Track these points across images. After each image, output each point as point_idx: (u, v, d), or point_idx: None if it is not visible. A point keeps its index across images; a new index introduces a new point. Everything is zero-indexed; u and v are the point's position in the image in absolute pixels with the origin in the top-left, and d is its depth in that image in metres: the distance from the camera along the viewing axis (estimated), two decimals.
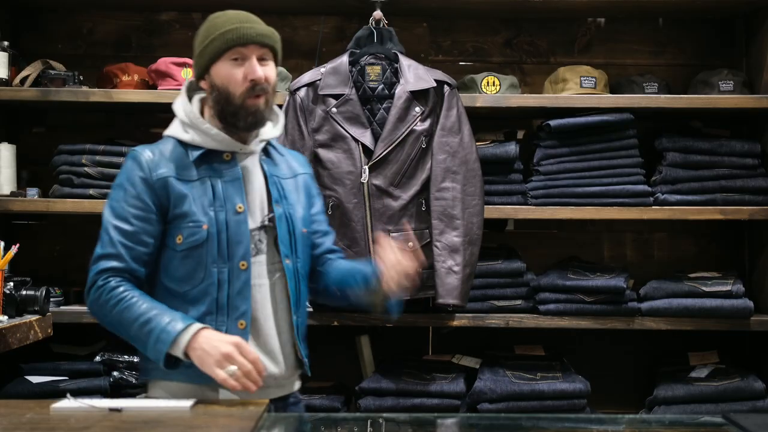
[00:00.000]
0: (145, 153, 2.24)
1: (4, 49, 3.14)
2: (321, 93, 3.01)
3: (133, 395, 3.06)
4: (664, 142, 3.27)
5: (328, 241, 2.43)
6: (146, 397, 2.28)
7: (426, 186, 3.04)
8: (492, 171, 3.21)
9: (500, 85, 3.27)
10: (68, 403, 1.96)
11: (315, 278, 2.40)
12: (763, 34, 3.37)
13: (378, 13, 3.11)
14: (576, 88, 3.28)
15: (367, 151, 2.99)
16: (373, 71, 3.03)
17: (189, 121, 2.27)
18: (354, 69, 3.04)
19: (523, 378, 3.11)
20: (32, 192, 3.20)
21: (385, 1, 3.14)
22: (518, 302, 3.23)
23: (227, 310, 2.20)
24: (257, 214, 2.26)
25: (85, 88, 3.19)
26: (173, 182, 2.20)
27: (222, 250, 2.20)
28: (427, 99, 3.03)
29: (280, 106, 3.08)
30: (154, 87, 3.27)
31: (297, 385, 2.36)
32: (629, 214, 3.20)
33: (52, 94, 3.16)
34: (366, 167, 2.97)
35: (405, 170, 3.01)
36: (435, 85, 3.03)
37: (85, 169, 3.18)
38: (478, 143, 3.16)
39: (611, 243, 3.62)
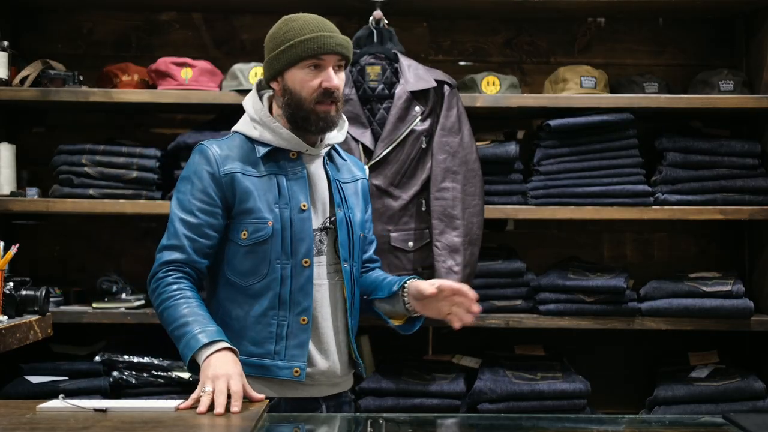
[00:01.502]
0: (213, 147, 2.29)
1: (4, 49, 3.14)
2: None
3: (133, 395, 3.06)
4: (664, 142, 3.27)
5: (371, 250, 2.51)
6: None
7: (426, 186, 3.04)
8: (492, 171, 3.21)
9: (500, 85, 3.27)
10: (54, 404, 1.96)
11: None
12: (763, 34, 3.37)
13: (378, 13, 3.11)
14: (576, 88, 3.28)
15: (367, 151, 2.98)
16: (373, 71, 3.03)
17: (258, 118, 2.31)
18: (354, 69, 3.03)
19: (523, 378, 3.11)
20: (32, 192, 3.20)
21: (385, 1, 3.14)
22: (518, 302, 3.23)
23: (289, 306, 2.25)
24: (320, 215, 2.31)
25: (85, 88, 3.19)
26: (240, 178, 2.25)
27: (286, 247, 2.25)
28: (427, 99, 3.03)
29: None
30: (154, 87, 3.27)
31: (350, 383, 2.43)
32: (629, 214, 3.20)
33: (52, 94, 3.16)
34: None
35: (405, 170, 3.01)
36: (435, 85, 3.03)
37: (85, 169, 3.18)
38: (478, 143, 3.16)
39: (611, 243, 3.62)
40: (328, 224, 2.32)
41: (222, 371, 2.03)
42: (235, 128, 2.37)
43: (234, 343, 2.17)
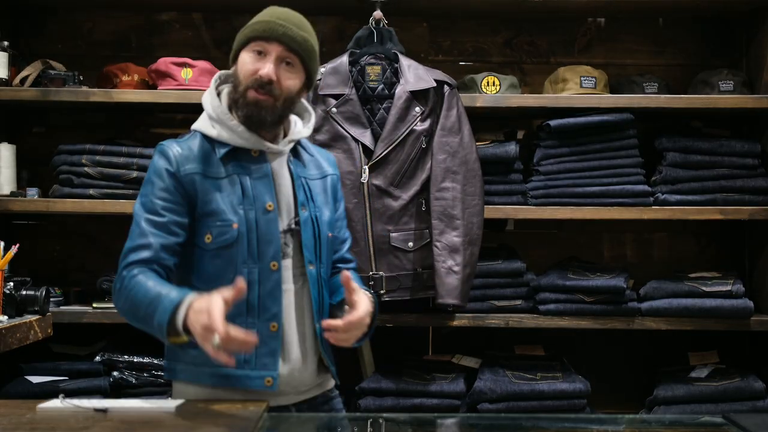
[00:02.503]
0: (173, 147, 2.19)
1: (4, 49, 3.14)
2: (321, 93, 3.01)
3: (133, 395, 3.06)
4: (664, 142, 3.27)
5: (343, 249, 2.38)
6: (169, 398, 2.26)
7: (426, 186, 3.04)
8: (492, 171, 3.21)
9: (500, 85, 3.27)
10: (54, 403, 1.96)
11: None
12: (763, 34, 3.37)
13: (378, 13, 3.11)
14: (576, 88, 3.28)
15: (367, 151, 2.98)
16: (373, 71, 3.03)
17: (216, 116, 2.21)
18: (354, 69, 3.03)
19: (523, 378, 3.11)
20: (32, 192, 3.20)
21: (385, 1, 3.14)
22: (518, 302, 3.23)
23: (258, 312, 2.16)
24: (284, 216, 2.22)
25: (85, 88, 3.19)
26: (201, 179, 2.16)
27: (252, 250, 2.16)
28: (427, 99, 3.03)
29: None
30: (154, 87, 3.27)
31: (326, 386, 2.31)
32: (629, 214, 3.20)
33: (52, 94, 3.16)
34: (366, 167, 2.97)
35: (405, 170, 3.01)
36: (435, 85, 3.03)
37: (85, 169, 3.18)
38: (478, 143, 3.16)
39: (611, 243, 3.62)
40: (293, 225, 2.21)
41: (202, 319, 1.88)
42: (194, 126, 2.24)
43: (200, 353, 1.99)
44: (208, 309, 1.87)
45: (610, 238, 3.62)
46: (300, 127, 2.29)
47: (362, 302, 2.10)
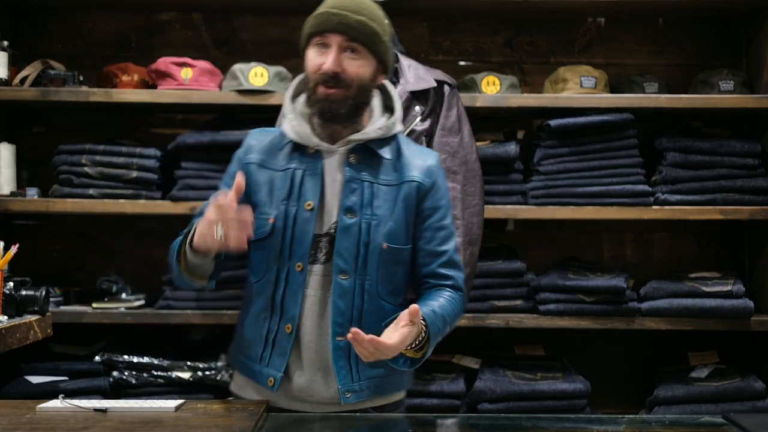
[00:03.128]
0: (254, 136, 2.27)
1: (4, 49, 3.14)
2: None
3: (133, 395, 3.06)
4: (664, 142, 3.27)
5: (433, 264, 2.21)
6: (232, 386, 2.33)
7: None
8: (492, 171, 3.21)
9: (500, 85, 3.27)
10: (54, 403, 1.97)
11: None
12: (763, 34, 3.37)
13: None
14: (576, 88, 3.28)
15: None
16: None
17: (284, 109, 2.24)
18: None
19: (523, 378, 3.11)
20: (32, 192, 3.20)
21: (385, 1, 3.13)
22: (518, 302, 3.23)
23: (279, 311, 2.16)
24: (325, 219, 2.16)
25: (85, 88, 3.19)
26: (256, 169, 2.21)
27: (285, 248, 2.14)
28: (427, 99, 3.03)
29: (280, 107, 3.08)
30: (154, 87, 3.27)
31: (378, 401, 2.23)
32: (629, 214, 3.20)
33: (52, 94, 3.16)
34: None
35: None
36: (435, 85, 3.03)
37: (85, 169, 3.18)
38: (478, 143, 3.16)
39: (611, 243, 3.62)
40: (330, 230, 2.16)
41: (205, 218, 1.96)
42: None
43: (239, 341, 2.20)
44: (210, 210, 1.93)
45: (610, 238, 3.62)
46: (372, 127, 2.19)
47: (400, 337, 1.94)
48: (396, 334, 1.94)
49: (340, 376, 2.16)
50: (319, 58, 2.12)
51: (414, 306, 1.95)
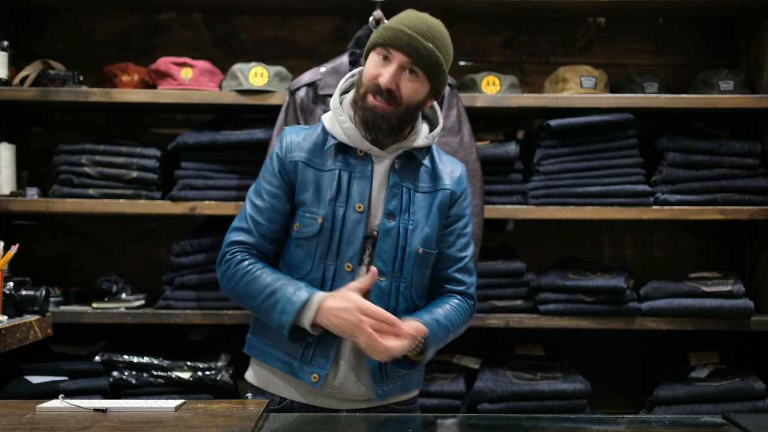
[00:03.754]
0: (290, 134, 2.27)
1: (4, 49, 3.14)
2: (321, 93, 3.00)
3: (133, 395, 3.06)
4: (664, 142, 3.27)
5: (451, 269, 2.31)
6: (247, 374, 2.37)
7: None
8: (492, 171, 3.21)
9: (500, 85, 3.27)
10: (54, 403, 1.97)
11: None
12: (763, 34, 3.37)
13: (378, 13, 3.10)
14: (576, 88, 3.28)
15: None
16: None
17: (332, 109, 2.24)
18: (354, 69, 3.03)
19: (523, 378, 3.11)
20: (32, 192, 3.20)
21: (385, 1, 3.13)
22: (518, 302, 3.23)
23: None
24: (372, 222, 2.21)
25: (84, 88, 3.19)
26: (303, 167, 2.22)
27: (333, 247, 2.19)
28: None
29: (280, 107, 3.09)
30: (154, 87, 3.27)
31: (394, 398, 2.32)
32: (629, 214, 3.20)
33: (51, 94, 3.16)
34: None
35: None
36: None
37: (85, 169, 3.18)
38: (478, 143, 3.16)
39: (611, 243, 3.62)
40: (374, 232, 2.21)
41: (352, 317, 2.06)
42: (323, 116, 2.30)
43: (272, 334, 2.21)
44: (359, 309, 2.06)
45: (610, 238, 3.62)
46: (418, 136, 2.25)
47: (401, 345, 2.11)
48: (400, 341, 2.10)
49: (373, 376, 2.24)
50: (378, 69, 2.16)
51: (422, 328, 2.13)
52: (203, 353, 3.18)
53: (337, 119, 2.22)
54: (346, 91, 2.30)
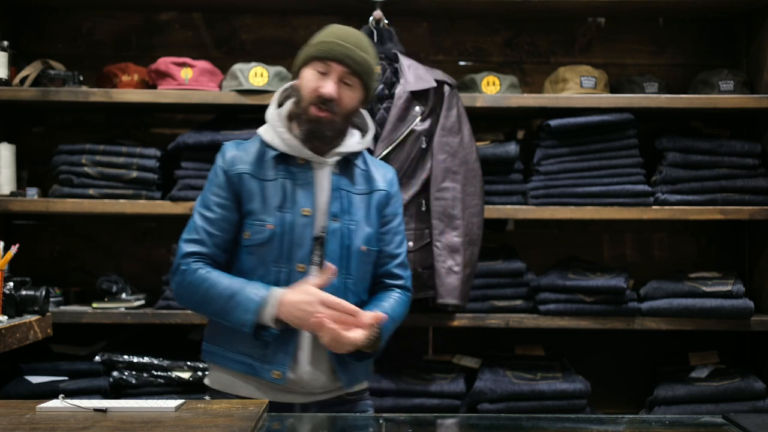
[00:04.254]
0: (230, 149, 2.37)
1: (4, 49, 3.14)
2: None
3: (133, 395, 3.06)
4: (664, 142, 3.27)
5: (390, 265, 2.43)
6: (208, 380, 2.42)
7: (426, 186, 3.04)
8: (492, 171, 3.21)
9: (500, 85, 3.27)
10: (54, 403, 1.97)
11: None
12: (763, 34, 3.37)
13: (378, 13, 3.11)
14: (576, 88, 3.28)
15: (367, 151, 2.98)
16: None
17: (271, 122, 2.35)
18: None
19: (523, 378, 3.11)
20: (32, 192, 3.20)
21: (385, 1, 3.14)
22: (518, 302, 3.23)
23: None
24: (318, 225, 2.31)
25: (84, 88, 3.19)
26: (248, 179, 2.31)
27: (284, 251, 2.28)
28: (427, 99, 3.03)
29: None
30: (154, 87, 3.27)
31: (346, 389, 2.38)
32: (629, 214, 3.20)
33: (51, 94, 3.16)
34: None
35: (405, 170, 3.00)
36: (435, 85, 3.03)
37: (85, 169, 3.18)
38: (478, 143, 3.16)
39: (611, 243, 3.62)
40: (321, 233, 2.31)
41: (313, 309, 2.15)
42: (258, 130, 2.40)
43: (228, 338, 2.29)
44: (320, 301, 2.16)
45: (610, 238, 3.62)
46: (352, 142, 2.38)
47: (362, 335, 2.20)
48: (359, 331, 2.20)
49: (334, 366, 2.32)
50: (317, 81, 2.28)
51: (381, 315, 2.22)
52: None
53: (276, 131, 2.34)
54: (281, 105, 2.42)
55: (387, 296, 2.40)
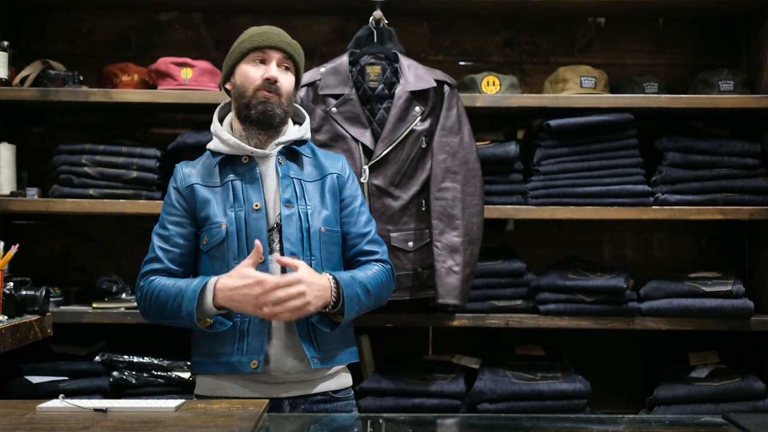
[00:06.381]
0: (182, 167, 2.51)
1: (4, 49, 3.14)
2: (321, 93, 3.00)
3: (133, 395, 3.06)
4: (664, 142, 3.27)
5: (361, 244, 2.51)
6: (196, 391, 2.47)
7: (426, 186, 3.04)
8: (492, 171, 3.21)
9: (500, 85, 3.27)
10: (54, 403, 1.97)
11: None
12: (763, 34, 3.37)
13: (378, 13, 3.10)
14: (576, 88, 3.28)
15: (367, 151, 2.98)
16: (373, 71, 3.03)
17: (213, 130, 2.48)
18: (354, 69, 3.03)
19: (523, 378, 3.11)
20: (32, 192, 3.20)
21: (385, 1, 3.14)
22: (518, 302, 3.23)
23: None
24: (271, 214, 2.40)
25: (84, 88, 3.19)
26: (199, 188, 2.43)
27: (241, 246, 2.36)
28: (427, 99, 3.03)
29: None
30: (154, 87, 3.27)
31: (331, 386, 2.42)
32: (629, 214, 3.20)
33: (51, 94, 3.16)
34: (366, 167, 2.97)
35: (405, 170, 3.00)
36: (435, 85, 3.03)
37: (85, 169, 3.18)
38: (478, 143, 3.16)
39: (611, 243, 3.62)
40: (278, 221, 2.39)
41: (253, 291, 2.20)
42: (207, 144, 2.53)
43: (207, 345, 2.37)
44: (257, 282, 2.20)
45: (610, 238, 3.62)
46: (290, 131, 2.49)
47: (300, 268, 2.25)
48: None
49: (306, 347, 2.37)
50: (258, 71, 2.42)
51: (293, 260, 2.28)
52: None
53: (218, 136, 2.45)
54: (221, 120, 2.54)
55: (364, 267, 2.46)
